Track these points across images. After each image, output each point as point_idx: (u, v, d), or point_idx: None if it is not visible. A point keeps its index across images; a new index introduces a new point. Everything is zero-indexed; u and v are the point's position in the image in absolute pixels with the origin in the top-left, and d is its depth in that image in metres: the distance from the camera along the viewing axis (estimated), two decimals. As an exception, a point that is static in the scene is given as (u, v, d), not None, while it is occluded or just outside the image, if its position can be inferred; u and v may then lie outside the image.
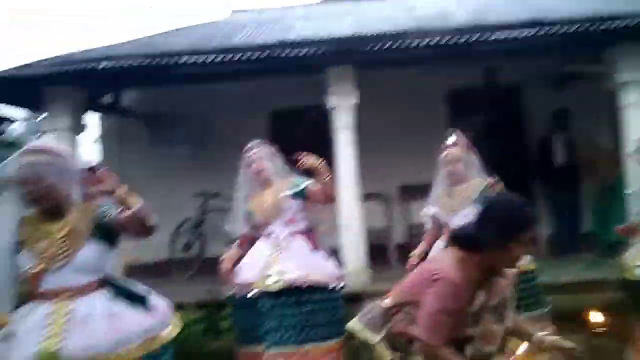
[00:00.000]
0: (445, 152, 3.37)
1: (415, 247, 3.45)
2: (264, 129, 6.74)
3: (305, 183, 3.21)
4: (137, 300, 2.11)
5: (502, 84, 6.36)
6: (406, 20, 5.76)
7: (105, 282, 2.05)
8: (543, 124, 6.17)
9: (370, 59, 5.12)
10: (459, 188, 3.33)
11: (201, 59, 5.07)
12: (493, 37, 4.75)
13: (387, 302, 1.95)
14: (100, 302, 1.99)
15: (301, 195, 3.21)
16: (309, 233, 3.26)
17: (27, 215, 1.98)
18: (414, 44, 4.85)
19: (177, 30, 7.33)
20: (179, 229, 6.38)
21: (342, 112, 5.13)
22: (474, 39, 4.77)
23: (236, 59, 4.97)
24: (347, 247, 4.96)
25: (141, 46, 6.65)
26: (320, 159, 3.12)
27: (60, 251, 1.94)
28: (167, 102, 6.62)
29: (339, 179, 5.08)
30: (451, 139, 3.40)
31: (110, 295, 2.04)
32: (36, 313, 1.90)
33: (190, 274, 5.99)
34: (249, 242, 3.33)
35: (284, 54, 4.93)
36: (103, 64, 5.25)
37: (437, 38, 4.85)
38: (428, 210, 3.44)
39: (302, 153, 3.15)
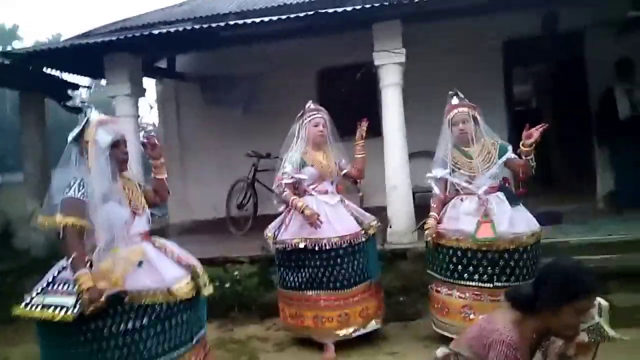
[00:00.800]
0: (453, 112, 3.29)
1: None
2: (312, 87, 6.78)
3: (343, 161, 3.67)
4: None
5: (563, 31, 5.96)
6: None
7: None
8: (606, 74, 5.78)
9: (418, 11, 4.94)
10: (473, 148, 3.25)
11: (249, 20, 5.10)
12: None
13: (442, 351, 1.99)
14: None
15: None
16: None
17: None
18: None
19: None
20: (233, 188, 6.63)
21: (389, 69, 5.03)
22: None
23: (283, 18, 4.95)
24: (394, 207, 4.98)
25: (191, 10, 6.80)
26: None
27: (141, 204, 2.41)
28: (219, 64, 6.76)
29: (386, 138, 5.07)
30: (456, 99, 3.32)
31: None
32: (147, 249, 2.33)
33: (244, 231, 6.27)
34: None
35: (330, 10, 4.87)
36: (156, 30, 5.41)
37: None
38: (436, 173, 3.33)
39: (364, 120, 3.64)
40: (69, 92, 7.02)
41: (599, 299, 1.86)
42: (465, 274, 3.16)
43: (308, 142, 3.54)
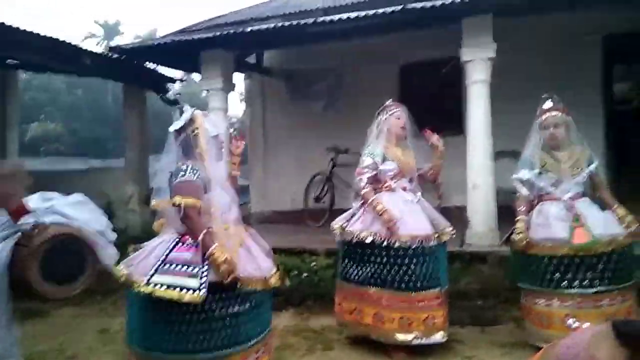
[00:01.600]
0: (545, 115, 3.24)
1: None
2: (394, 83, 6.74)
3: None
4: None
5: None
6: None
7: None
8: None
9: (513, 3, 4.74)
10: (562, 153, 3.20)
11: (336, 16, 5.16)
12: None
13: None
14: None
15: None
16: None
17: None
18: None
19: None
20: (312, 181, 6.79)
21: (477, 65, 4.89)
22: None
23: (371, 14, 4.95)
24: (475, 207, 4.86)
25: (280, 6, 7.01)
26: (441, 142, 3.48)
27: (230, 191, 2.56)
28: (303, 60, 6.92)
29: (470, 136, 4.94)
30: (549, 102, 3.24)
31: None
32: (244, 234, 2.51)
33: (321, 223, 6.39)
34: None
35: (419, 5, 4.80)
36: (249, 27, 5.66)
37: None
38: (523, 175, 3.24)
39: (430, 128, 3.51)
40: (166, 85, 7.54)
41: None
42: (565, 282, 3.05)
43: (390, 136, 3.48)
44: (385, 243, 3.25)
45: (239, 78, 8.00)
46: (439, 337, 3.31)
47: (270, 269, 2.46)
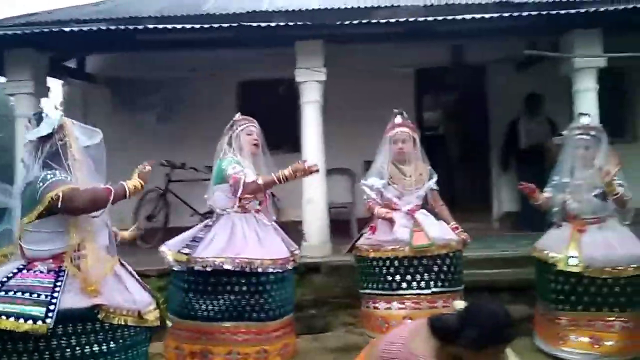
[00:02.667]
0: (395, 130, 3.48)
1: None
2: (232, 99, 6.71)
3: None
4: None
5: (468, 65, 6.49)
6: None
7: None
8: (504, 105, 6.38)
9: (339, 33, 5.13)
10: (408, 167, 3.46)
11: (169, 26, 4.97)
12: (461, 17, 4.82)
13: None
14: None
15: None
16: None
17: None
18: (383, 20, 4.93)
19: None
20: (143, 198, 6.34)
21: (310, 87, 5.15)
22: (442, 17, 4.84)
23: (205, 27, 4.89)
24: (309, 221, 5.07)
25: (107, 10, 6.49)
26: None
27: None
28: (133, 68, 6.48)
29: (305, 153, 5.15)
30: (399, 118, 3.51)
31: None
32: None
33: (153, 244, 5.99)
34: None
35: (254, 24, 4.89)
36: (68, 27, 5.12)
37: (406, 15, 4.93)
38: (373, 182, 3.46)
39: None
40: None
41: None
42: (404, 283, 3.27)
43: (242, 153, 3.25)
44: (247, 269, 2.97)
45: (56, 84, 7.12)
46: None
47: (147, 303, 2.11)
